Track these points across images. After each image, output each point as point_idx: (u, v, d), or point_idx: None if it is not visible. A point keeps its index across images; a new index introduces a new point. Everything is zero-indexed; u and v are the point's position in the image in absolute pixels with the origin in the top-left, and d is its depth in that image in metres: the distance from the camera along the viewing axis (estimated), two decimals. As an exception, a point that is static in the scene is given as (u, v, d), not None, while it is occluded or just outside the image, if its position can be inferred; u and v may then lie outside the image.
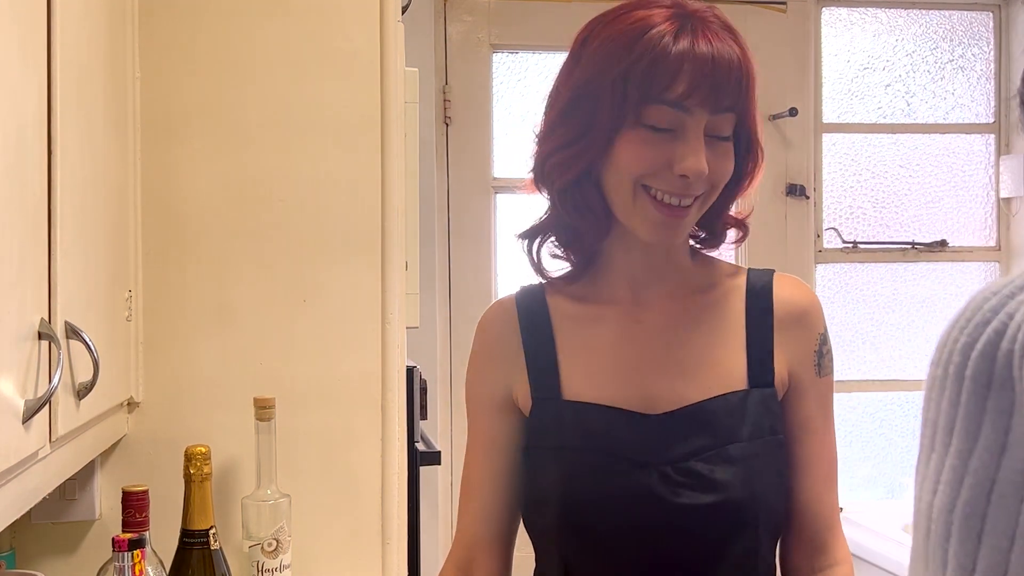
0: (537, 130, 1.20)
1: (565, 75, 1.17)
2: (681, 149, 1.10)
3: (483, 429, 1.25)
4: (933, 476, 0.57)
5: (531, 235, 1.24)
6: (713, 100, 1.09)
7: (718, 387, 1.16)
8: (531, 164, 1.21)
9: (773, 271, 1.24)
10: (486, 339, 1.26)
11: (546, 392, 1.19)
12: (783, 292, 1.21)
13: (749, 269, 1.25)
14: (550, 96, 1.19)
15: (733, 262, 1.30)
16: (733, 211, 1.23)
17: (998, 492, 0.53)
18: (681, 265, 1.22)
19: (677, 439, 1.13)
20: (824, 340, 1.22)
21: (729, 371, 1.17)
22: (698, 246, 1.25)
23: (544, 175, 1.18)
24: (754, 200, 1.25)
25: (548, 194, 1.21)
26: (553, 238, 1.24)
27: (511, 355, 1.22)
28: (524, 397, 1.21)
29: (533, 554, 1.21)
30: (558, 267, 1.25)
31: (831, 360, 1.22)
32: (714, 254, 1.27)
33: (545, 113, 1.19)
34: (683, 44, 1.09)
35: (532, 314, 1.23)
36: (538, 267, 1.25)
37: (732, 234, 1.25)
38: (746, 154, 1.17)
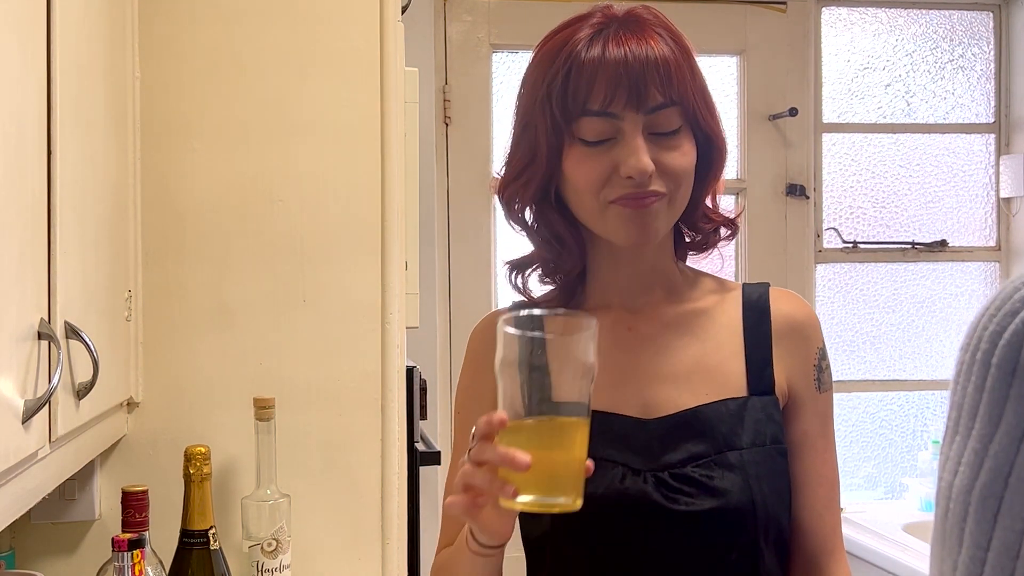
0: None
1: (516, 100, 1.20)
2: (621, 152, 1.10)
3: None
4: (955, 458, 0.59)
5: (518, 267, 1.26)
6: (637, 100, 1.09)
7: (715, 393, 1.14)
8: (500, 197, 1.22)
9: (768, 284, 1.23)
10: (479, 346, 1.24)
11: None
12: (781, 304, 1.20)
13: (743, 283, 1.24)
14: (512, 121, 1.21)
15: (733, 261, 1.30)
16: (720, 209, 1.22)
17: (1016, 476, 0.56)
18: (669, 275, 1.21)
19: (673, 445, 1.11)
20: (823, 355, 1.20)
21: (726, 378, 1.16)
22: (692, 252, 1.24)
23: (507, 206, 1.20)
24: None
25: (519, 229, 1.22)
26: (540, 270, 1.24)
27: None
28: None
29: (523, 556, 1.18)
30: (545, 291, 1.26)
31: (830, 376, 1.21)
32: (716, 266, 1.26)
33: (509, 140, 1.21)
34: (594, 52, 1.10)
35: None
36: (526, 295, 1.26)
37: (722, 232, 1.23)
38: (707, 144, 1.16)
